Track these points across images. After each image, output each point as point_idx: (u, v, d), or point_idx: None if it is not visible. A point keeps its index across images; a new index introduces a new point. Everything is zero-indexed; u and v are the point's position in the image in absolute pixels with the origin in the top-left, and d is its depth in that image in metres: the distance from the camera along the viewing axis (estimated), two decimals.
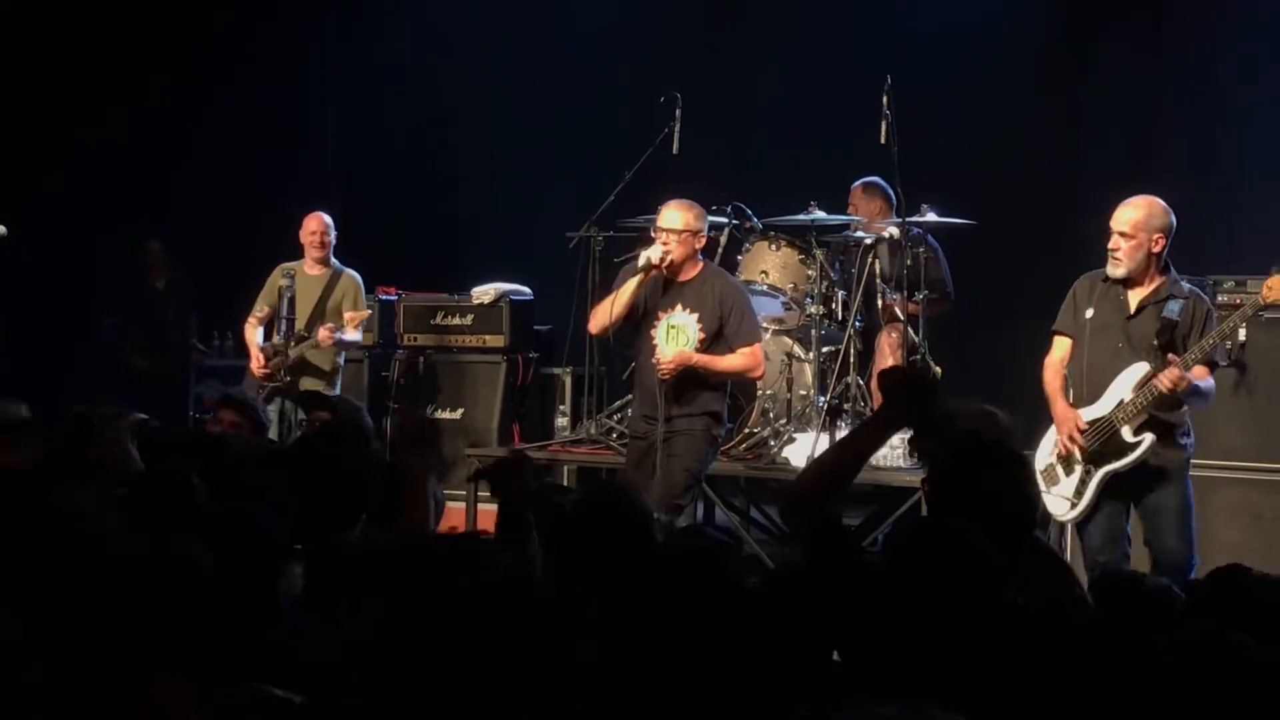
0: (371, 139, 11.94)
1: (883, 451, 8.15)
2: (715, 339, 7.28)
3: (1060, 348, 6.59)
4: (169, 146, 11.30)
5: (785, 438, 8.38)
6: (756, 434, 8.45)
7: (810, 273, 8.59)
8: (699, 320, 7.27)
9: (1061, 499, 6.49)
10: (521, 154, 11.50)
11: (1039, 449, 6.62)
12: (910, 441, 7.66)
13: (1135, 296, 6.44)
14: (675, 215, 7.30)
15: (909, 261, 8.47)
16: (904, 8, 11.00)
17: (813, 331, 8.52)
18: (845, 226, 8.89)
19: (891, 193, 8.83)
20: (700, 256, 7.43)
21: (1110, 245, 6.41)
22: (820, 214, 8.70)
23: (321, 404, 7.03)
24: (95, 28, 11.13)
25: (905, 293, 8.47)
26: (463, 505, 8.46)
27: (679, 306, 7.31)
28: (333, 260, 9.27)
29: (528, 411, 9.67)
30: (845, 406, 8.36)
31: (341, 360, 9.13)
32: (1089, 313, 6.50)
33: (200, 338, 11.15)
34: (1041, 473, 6.53)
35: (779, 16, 11.17)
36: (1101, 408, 6.37)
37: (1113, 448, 6.32)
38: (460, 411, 9.56)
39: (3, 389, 7.75)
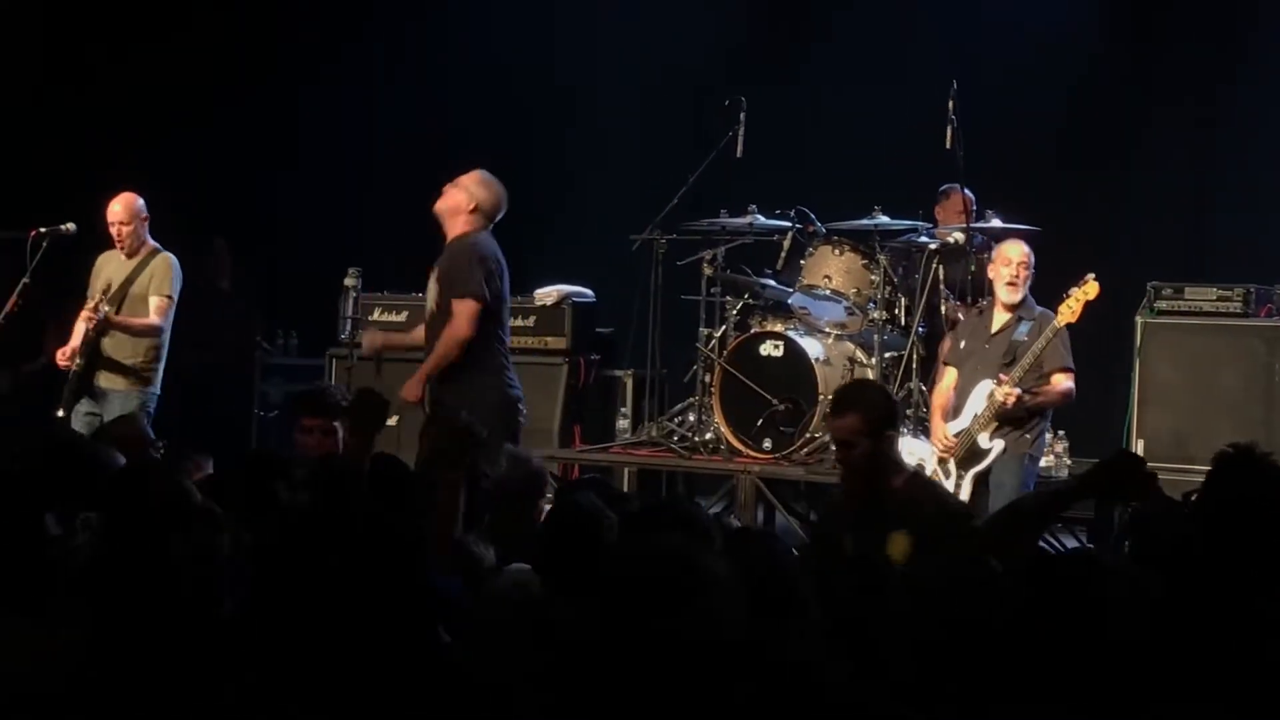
0: (434, 140, 11.98)
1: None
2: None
3: (947, 377, 7.67)
4: (234, 148, 11.36)
5: None
6: (818, 438, 8.43)
7: (874, 278, 8.57)
8: (437, 280, 7.04)
9: None
10: (586, 156, 11.49)
11: (927, 458, 7.71)
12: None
13: (997, 321, 7.51)
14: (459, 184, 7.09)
15: (973, 268, 8.45)
16: (968, 11, 10.94)
17: (875, 337, 8.51)
18: (909, 231, 8.87)
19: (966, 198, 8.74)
20: (477, 221, 7.05)
21: (1011, 279, 7.43)
22: (884, 219, 8.68)
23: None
24: (178, 34, 11.27)
25: (969, 299, 8.45)
26: None
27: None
28: (149, 242, 8.24)
29: (589, 414, 9.69)
30: (908, 412, 8.33)
31: (157, 352, 8.06)
32: (963, 344, 7.64)
33: (265, 336, 11.18)
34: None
35: (844, 21, 11.13)
36: (963, 421, 7.42)
37: (973, 452, 7.39)
38: None
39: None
